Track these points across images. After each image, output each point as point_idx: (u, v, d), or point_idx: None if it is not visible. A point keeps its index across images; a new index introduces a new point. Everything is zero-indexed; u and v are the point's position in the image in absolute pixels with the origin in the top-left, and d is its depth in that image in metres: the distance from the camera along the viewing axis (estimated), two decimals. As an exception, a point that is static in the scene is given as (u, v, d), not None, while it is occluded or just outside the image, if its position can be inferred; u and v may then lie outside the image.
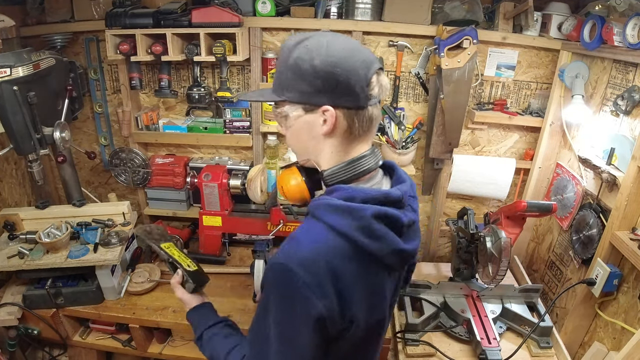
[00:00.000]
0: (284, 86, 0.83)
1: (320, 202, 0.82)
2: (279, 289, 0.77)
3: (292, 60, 0.80)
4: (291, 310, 0.76)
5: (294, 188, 0.94)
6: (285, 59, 0.82)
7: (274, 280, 0.78)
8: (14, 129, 1.45)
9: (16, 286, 1.68)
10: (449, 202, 2.17)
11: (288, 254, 0.77)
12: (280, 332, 0.78)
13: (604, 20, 1.49)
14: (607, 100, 1.58)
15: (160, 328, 1.71)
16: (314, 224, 0.80)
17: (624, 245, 1.36)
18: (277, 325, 0.78)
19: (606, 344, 1.49)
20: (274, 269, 0.77)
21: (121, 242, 1.65)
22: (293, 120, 0.85)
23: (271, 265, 0.78)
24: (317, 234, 0.78)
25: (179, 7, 1.71)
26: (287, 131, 0.88)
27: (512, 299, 1.72)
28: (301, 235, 0.79)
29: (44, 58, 1.55)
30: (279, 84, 0.84)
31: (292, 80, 0.81)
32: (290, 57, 0.81)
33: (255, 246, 1.65)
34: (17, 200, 1.95)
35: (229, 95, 1.84)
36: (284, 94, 0.83)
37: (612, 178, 1.45)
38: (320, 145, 0.86)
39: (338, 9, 1.83)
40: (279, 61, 0.85)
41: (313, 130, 0.83)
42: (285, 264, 0.75)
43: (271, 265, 0.78)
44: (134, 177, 2.03)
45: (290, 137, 0.88)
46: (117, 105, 2.01)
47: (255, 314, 0.83)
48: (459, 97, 1.74)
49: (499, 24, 1.80)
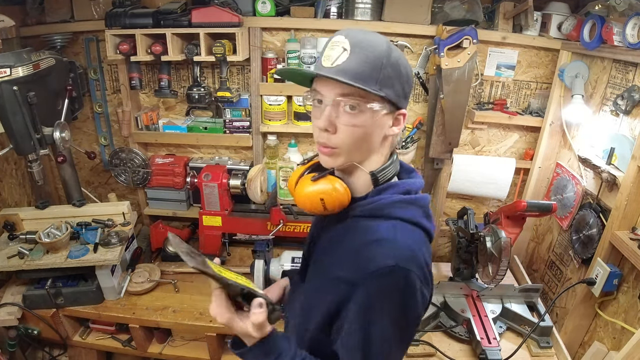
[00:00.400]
0: (383, 82, 0.78)
1: (385, 201, 0.84)
2: (404, 296, 0.77)
3: (393, 58, 0.79)
4: (409, 308, 0.78)
5: (343, 195, 0.84)
6: (385, 53, 0.78)
7: (395, 283, 0.76)
8: (14, 129, 1.45)
9: (16, 286, 1.68)
10: (449, 202, 2.17)
11: (395, 256, 0.76)
12: (393, 333, 0.79)
13: (603, 20, 1.49)
14: (607, 100, 1.58)
15: (160, 328, 1.71)
16: (389, 222, 0.82)
17: (624, 245, 1.36)
18: (390, 328, 0.78)
19: (606, 344, 1.49)
20: (396, 274, 0.75)
21: (121, 242, 1.65)
22: (373, 118, 0.80)
23: (389, 270, 0.76)
24: (402, 229, 0.81)
25: (178, 7, 1.71)
26: (354, 128, 0.79)
27: (512, 298, 1.72)
28: (390, 235, 0.80)
29: (43, 58, 1.55)
30: (375, 78, 0.77)
31: (392, 79, 0.79)
32: (391, 54, 0.79)
33: (255, 246, 1.65)
34: (17, 201, 1.95)
35: (228, 95, 1.83)
36: (383, 89, 0.78)
37: (612, 178, 1.45)
38: (378, 145, 0.85)
39: (338, 9, 1.83)
40: (374, 52, 0.77)
41: (382, 130, 0.83)
42: (404, 266, 0.76)
43: (389, 270, 0.76)
44: (133, 177, 2.03)
45: (355, 135, 0.80)
46: (117, 105, 2.01)
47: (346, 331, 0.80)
48: (458, 96, 1.74)
49: (498, 24, 1.80)
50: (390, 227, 0.82)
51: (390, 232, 0.81)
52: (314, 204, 0.85)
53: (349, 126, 0.79)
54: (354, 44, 0.77)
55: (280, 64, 1.88)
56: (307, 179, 0.87)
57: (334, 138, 0.80)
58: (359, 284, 0.78)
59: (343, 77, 0.75)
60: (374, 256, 0.77)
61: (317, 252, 0.96)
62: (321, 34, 1.86)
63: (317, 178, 0.85)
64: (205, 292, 1.78)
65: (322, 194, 0.84)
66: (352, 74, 0.76)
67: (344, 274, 0.81)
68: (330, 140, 0.81)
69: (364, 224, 0.84)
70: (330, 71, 0.77)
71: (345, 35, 0.78)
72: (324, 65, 0.79)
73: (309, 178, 0.87)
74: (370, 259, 0.78)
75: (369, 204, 0.85)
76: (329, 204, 0.84)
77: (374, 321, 0.78)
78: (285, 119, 1.97)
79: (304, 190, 0.86)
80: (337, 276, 0.83)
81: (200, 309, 1.67)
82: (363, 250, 0.80)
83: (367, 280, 0.77)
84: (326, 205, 0.84)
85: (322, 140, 0.82)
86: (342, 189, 0.84)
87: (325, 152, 0.83)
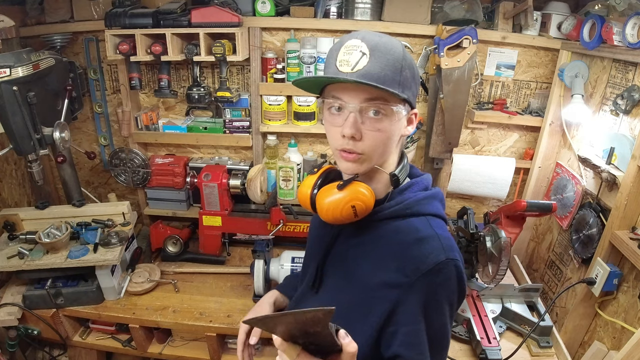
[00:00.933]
0: (404, 84, 0.78)
1: (412, 199, 0.86)
2: (459, 283, 0.80)
3: (408, 60, 0.79)
4: (461, 293, 0.82)
5: (370, 199, 0.83)
6: (402, 55, 0.78)
7: (449, 276, 0.78)
8: (14, 129, 1.45)
9: (16, 286, 1.68)
10: (448, 202, 2.17)
11: (443, 250, 0.79)
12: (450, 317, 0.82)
13: (603, 19, 1.49)
14: (606, 100, 1.58)
15: (160, 328, 1.71)
16: (420, 218, 0.85)
17: (624, 245, 1.36)
18: (448, 314, 0.81)
19: (606, 343, 1.49)
20: (448, 266, 0.78)
21: (121, 242, 1.65)
22: (396, 121, 0.80)
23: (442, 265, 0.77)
24: (435, 224, 0.84)
25: (178, 7, 1.71)
26: (379, 133, 0.79)
27: (512, 298, 1.72)
28: (430, 231, 0.82)
29: (43, 58, 1.54)
30: (397, 81, 0.77)
31: (409, 80, 0.80)
32: (406, 56, 0.79)
33: (255, 246, 1.65)
34: (17, 201, 1.96)
35: (228, 95, 1.83)
36: (405, 92, 0.78)
37: (611, 177, 1.45)
38: (396, 145, 0.86)
39: (338, 9, 1.83)
40: (393, 55, 0.77)
41: (400, 131, 0.84)
42: (452, 258, 0.78)
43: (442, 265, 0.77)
44: (133, 177, 2.03)
45: (381, 139, 0.80)
46: (117, 106, 2.01)
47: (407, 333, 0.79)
48: (458, 96, 1.74)
49: (498, 24, 1.80)
50: (426, 223, 0.84)
51: (428, 228, 0.83)
52: (344, 212, 0.82)
53: (374, 131, 0.78)
54: (372, 47, 0.76)
55: (280, 64, 1.88)
56: (331, 188, 0.84)
57: (360, 144, 0.79)
58: (413, 285, 0.78)
59: (370, 82, 0.73)
60: (423, 254, 0.78)
61: (339, 261, 0.93)
62: (321, 33, 1.86)
63: (343, 186, 0.82)
64: (205, 292, 1.79)
65: (354, 201, 0.81)
66: (376, 78, 0.74)
67: (392, 279, 0.80)
68: (357, 147, 0.79)
69: (396, 225, 0.84)
70: (354, 76, 0.75)
71: (361, 39, 0.77)
72: (343, 70, 0.76)
73: (333, 187, 0.84)
74: (419, 257, 0.78)
75: (396, 204, 0.85)
76: (360, 210, 0.82)
77: (436, 315, 0.80)
78: (285, 119, 1.97)
79: (332, 199, 0.83)
80: (383, 282, 0.81)
81: (200, 309, 1.67)
82: (408, 251, 0.80)
83: (422, 279, 0.77)
84: (357, 212, 0.82)
85: (348, 147, 0.79)
86: (369, 193, 0.83)
87: (350, 158, 0.81)
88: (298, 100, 1.91)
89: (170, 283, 1.80)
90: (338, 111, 0.80)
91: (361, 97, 0.77)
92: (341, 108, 0.79)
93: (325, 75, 0.80)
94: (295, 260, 1.71)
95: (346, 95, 0.78)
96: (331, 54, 0.80)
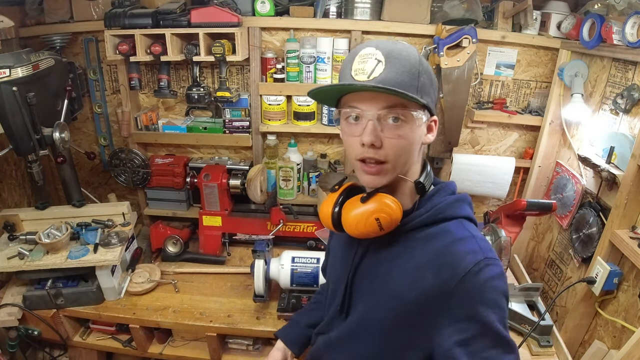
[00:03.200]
0: (422, 90, 0.77)
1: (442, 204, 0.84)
2: (499, 279, 0.77)
3: (425, 65, 0.78)
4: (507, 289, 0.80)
5: (396, 211, 0.81)
6: (418, 61, 0.77)
7: (490, 274, 0.76)
8: (14, 129, 1.45)
9: (16, 287, 1.67)
10: (448, 201, 2.17)
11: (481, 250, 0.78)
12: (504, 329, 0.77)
13: (603, 18, 1.49)
14: (606, 99, 1.58)
15: (161, 328, 1.71)
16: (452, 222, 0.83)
17: (624, 244, 1.35)
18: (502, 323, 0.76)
19: (606, 343, 1.49)
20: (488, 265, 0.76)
21: (121, 243, 1.65)
22: (415, 128, 0.78)
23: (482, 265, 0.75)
24: (468, 226, 0.84)
25: (178, 7, 1.71)
26: (400, 139, 0.77)
27: (512, 297, 1.72)
28: (465, 232, 0.81)
29: (43, 59, 1.54)
30: (415, 86, 0.76)
31: (427, 86, 0.78)
32: (422, 62, 0.78)
33: (255, 246, 1.65)
34: (17, 201, 1.96)
35: (228, 95, 1.83)
36: (424, 97, 0.77)
37: (611, 176, 1.45)
38: (417, 155, 0.84)
39: (337, 9, 1.83)
40: (409, 60, 0.76)
41: (421, 138, 0.82)
42: (491, 256, 0.77)
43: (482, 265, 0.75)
44: (133, 178, 2.03)
45: (401, 146, 0.78)
46: (117, 106, 2.01)
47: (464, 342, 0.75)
48: (458, 96, 1.74)
49: (498, 23, 1.80)
50: (459, 226, 0.83)
51: (463, 230, 0.82)
52: (368, 225, 0.80)
53: (394, 138, 0.77)
54: (387, 54, 0.75)
55: (280, 64, 1.88)
56: (354, 202, 0.83)
57: (381, 152, 0.78)
58: (453, 291, 0.75)
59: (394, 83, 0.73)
60: (459, 257, 0.76)
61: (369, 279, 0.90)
62: (321, 33, 1.86)
63: (366, 198, 0.81)
64: (205, 292, 1.79)
65: (378, 213, 0.79)
66: (393, 84, 0.73)
67: (430, 288, 0.78)
68: (378, 154, 0.78)
69: (429, 232, 0.83)
70: (371, 84, 0.74)
71: (375, 47, 0.76)
72: (358, 79, 0.75)
73: (356, 200, 0.83)
74: (456, 260, 0.76)
75: (426, 210, 0.84)
76: (385, 223, 0.80)
77: (488, 315, 0.74)
78: (284, 119, 1.97)
79: (356, 213, 0.81)
80: (422, 293, 0.79)
81: (200, 309, 1.67)
82: (444, 255, 0.78)
83: (462, 283, 0.75)
84: (382, 224, 0.80)
85: (369, 155, 0.78)
86: (395, 205, 0.80)
87: (372, 171, 0.79)
88: (298, 100, 1.91)
89: (170, 283, 1.80)
90: (355, 120, 0.78)
91: (379, 105, 0.75)
92: (359, 117, 0.78)
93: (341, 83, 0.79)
94: (295, 260, 1.71)
95: (363, 104, 0.77)
96: (345, 65, 0.79)
